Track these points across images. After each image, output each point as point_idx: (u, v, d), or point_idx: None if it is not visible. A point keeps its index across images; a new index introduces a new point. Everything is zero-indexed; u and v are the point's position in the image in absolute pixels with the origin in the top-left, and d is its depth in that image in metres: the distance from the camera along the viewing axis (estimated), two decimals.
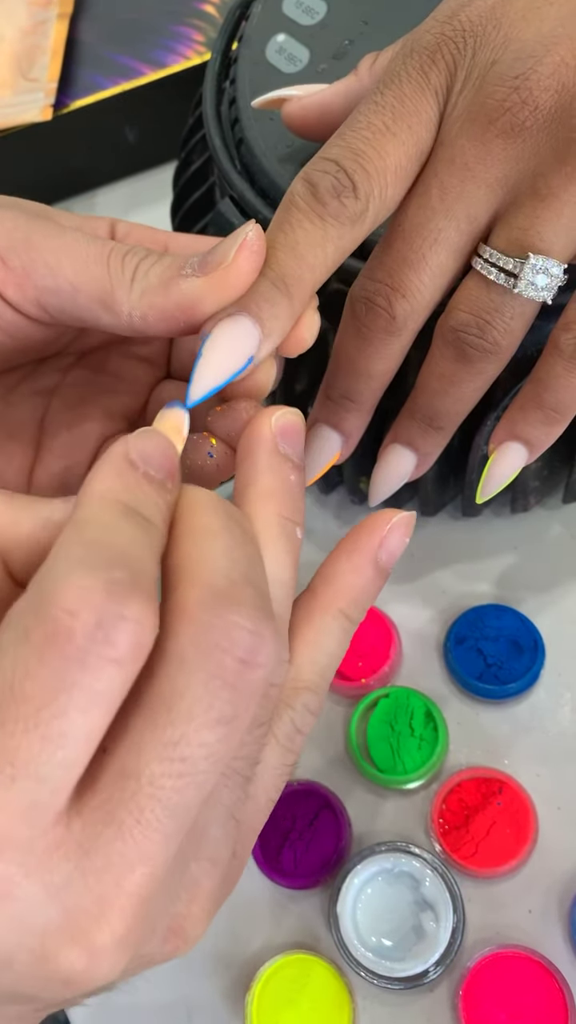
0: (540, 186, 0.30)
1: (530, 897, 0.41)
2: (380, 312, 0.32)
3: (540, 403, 0.34)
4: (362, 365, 0.34)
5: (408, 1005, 0.40)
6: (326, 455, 0.36)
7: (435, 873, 0.40)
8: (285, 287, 0.29)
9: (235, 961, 0.42)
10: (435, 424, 0.35)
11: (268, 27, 0.44)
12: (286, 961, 0.41)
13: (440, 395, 0.34)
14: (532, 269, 0.31)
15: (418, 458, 0.37)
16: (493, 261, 0.31)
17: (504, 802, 0.42)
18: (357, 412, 0.35)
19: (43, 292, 0.29)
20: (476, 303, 0.32)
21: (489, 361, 0.33)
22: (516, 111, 0.30)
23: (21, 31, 0.61)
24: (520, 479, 0.45)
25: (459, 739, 0.44)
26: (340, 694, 0.46)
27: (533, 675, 0.44)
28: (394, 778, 0.43)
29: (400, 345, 0.33)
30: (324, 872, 0.41)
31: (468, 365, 0.33)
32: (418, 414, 0.35)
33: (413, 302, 0.32)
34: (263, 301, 0.28)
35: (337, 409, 0.35)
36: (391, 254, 0.32)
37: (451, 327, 0.32)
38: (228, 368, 0.28)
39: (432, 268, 0.32)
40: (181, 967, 0.42)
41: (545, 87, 0.30)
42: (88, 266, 0.29)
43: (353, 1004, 0.40)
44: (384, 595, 0.48)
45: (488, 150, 0.31)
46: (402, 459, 0.37)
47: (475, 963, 0.39)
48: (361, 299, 0.32)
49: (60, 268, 0.29)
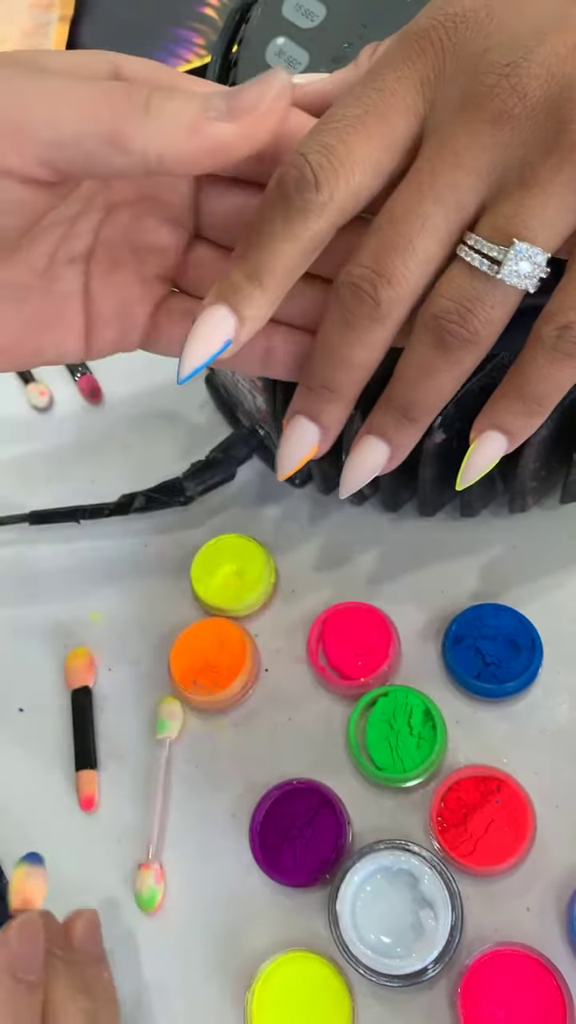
0: (527, 175, 0.30)
1: (528, 895, 0.41)
2: (365, 298, 0.32)
3: (521, 394, 0.34)
4: (344, 353, 0.33)
5: (407, 1002, 0.40)
6: (303, 448, 0.35)
7: (434, 871, 0.40)
8: (258, 280, 0.31)
9: (235, 959, 0.42)
10: (410, 415, 0.35)
11: (268, 30, 0.44)
12: (286, 959, 0.41)
13: (416, 385, 0.34)
14: (516, 256, 0.31)
15: (391, 450, 0.36)
16: (478, 248, 0.31)
17: (502, 800, 0.42)
18: (337, 404, 0.35)
19: (46, 148, 0.28)
20: (458, 290, 0.32)
21: (468, 351, 0.32)
22: (505, 98, 0.30)
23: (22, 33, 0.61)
24: (518, 480, 0.45)
25: (458, 738, 0.44)
26: (339, 693, 0.46)
27: (531, 674, 0.45)
28: (393, 776, 0.43)
29: (384, 334, 0.33)
30: (323, 870, 0.42)
31: (447, 354, 0.32)
32: (393, 405, 0.35)
33: (398, 289, 0.32)
34: (239, 294, 0.31)
35: (316, 400, 0.35)
36: (378, 239, 0.32)
37: (432, 314, 0.32)
38: (209, 350, 0.32)
39: (419, 255, 0.31)
40: (181, 966, 0.42)
41: (535, 75, 0.30)
42: (90, 108, 0.28)
43: (352, 1001, 0.40)
44: (383, 594, 0.48)
45: (477, 137, 0.31)
46: (375, 451, 0.36)
47: (473, 960, 0.39)
48: (346, 284, 0.32)
49: (59, 118, 0.28)
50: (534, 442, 0.43)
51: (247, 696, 0.47)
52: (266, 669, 0.48)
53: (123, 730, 0.47)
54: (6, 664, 0.49)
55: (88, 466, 0.54)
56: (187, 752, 0.46)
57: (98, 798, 0.46)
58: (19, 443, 0.55)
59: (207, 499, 0.51)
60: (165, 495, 0.50)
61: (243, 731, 0.46)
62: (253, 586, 0.48)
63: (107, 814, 0.46)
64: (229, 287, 0.31)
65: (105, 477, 0.53)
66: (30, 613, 0.50)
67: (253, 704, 0.47)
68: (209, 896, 0.43)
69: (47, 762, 0.47)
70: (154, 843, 0.44)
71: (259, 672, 0.47)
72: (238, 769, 0.45)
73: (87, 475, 0.54)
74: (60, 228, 0.34)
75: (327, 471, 0.48)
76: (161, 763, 0.46)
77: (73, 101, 0.28)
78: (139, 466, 0.53)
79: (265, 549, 0.49)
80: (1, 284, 0.33)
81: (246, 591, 0.48)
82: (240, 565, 0.49)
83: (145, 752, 0.46)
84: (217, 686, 0.46)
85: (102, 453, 0.54)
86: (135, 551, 0.51)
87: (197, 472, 0.50)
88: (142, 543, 0.52)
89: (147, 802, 0.45)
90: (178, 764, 0.46)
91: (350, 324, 0.32)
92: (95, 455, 0.54)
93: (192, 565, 0.49)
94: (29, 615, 0.50)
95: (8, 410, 0.56)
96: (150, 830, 0.44)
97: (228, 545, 0.49)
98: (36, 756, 0.47)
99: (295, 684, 0.47)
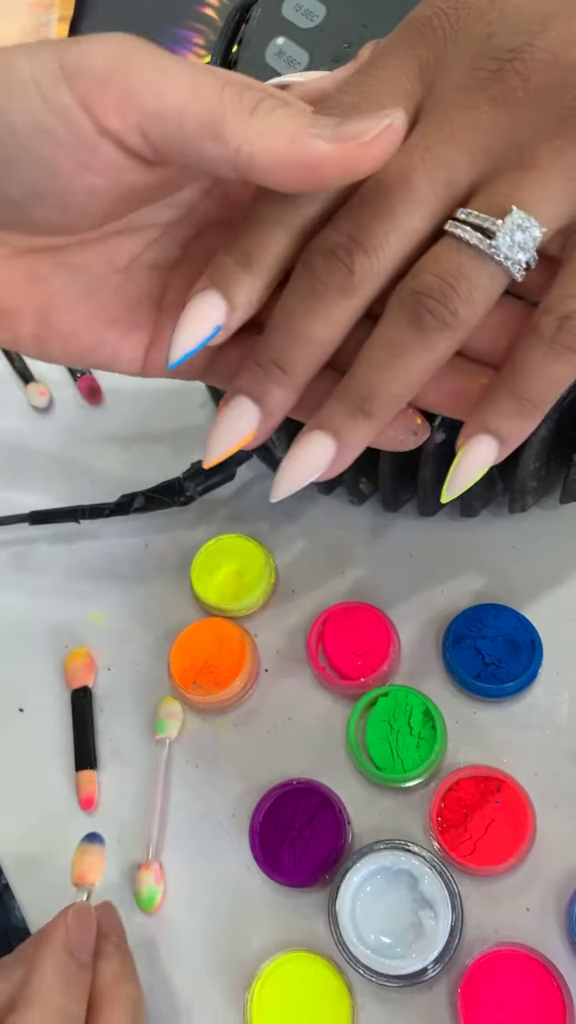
0: (526, 156, 0.30)
1: (528, 895, 0.41)
2: (339, 265, 0.30)
3: (515, 392, 0.31)
4: (305, 327, 0.31)
5: (407, 1002, 0.40)
6: (237, 433, 0.32)
7: (434, 871, 0.40)
8: (248, 265, 0.31)
9: (235, 959, 0.42)
10: (366, 408, 0.31)
11: (268, 30, 0.44)
12: (286, 959, 0.41)
13: (381, 369, 0.31)
14: (512, 225, 0.29)
15: (337, 449, 0.32)
16: (469, 220, 0.30)
17: (502, 800, 0.42)
18: (285, 387, 0.32)
19: (147, 117, 0.28)
20: (443, 265, 0.30)
21: (443, 335, 0.30)
22: (509, 80, 0.30)
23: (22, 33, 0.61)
24: (518, 480, 0.45)
25: (457, 738, 0.44)
26: (339, 693, 0.46)
27: (531, 674, 0.45)
28: (393, 776, 0.43)
29: (351, 310, 0.31)
30: (323, 870, 0.42)
31: (421, 335, 0.30)
32: (350, 394, 0.31)
33: (375, 261, 0.30)
34: (229, 279, 0.31)
35: (264, 379, 0.32)
36: (362, 207, 0.30)
37: (411, 289, 0.30)
38: (200, 335, 0.31)
39: (401, 227, 0.30)
40: (181, 966, 0.42)
41: (540, 60, 0.30)
42: (199, 92, 0.28)
43: (352, 1002, 0.40)
44: (383, 595, 0.48)
45: (477, 117, 0.30)
46: (318, 448, 0.32)
47: (473, 961, 0.39)
48: (320, 251, 0.30)
49: (167, 91, 0.28)
50: (534, 442, 0.43)
51: (247, 696, 0.47)
52: (266, 669, 0.47)
53: (123, 730, 0.47)
54: (6, 664, 0.49)
55: (88, 466, 0.54)
56: (187, 752, 0.46)
57: (98, 798, 0.46)
58: (19, 443, 0.55)
59: (207, 499, 0.51)
60: (165, 495, 0.50)
61: (243, 731, 0.46)
62: (253, 586, 0.48)
63: (107, 814, 0.46)
64: (220, 272, 0.31)
65: (105, 477, 0.53)
66: (30, 613, 0.50)
67: (253, 704, 0.47)
68: (209, 896, 0.43)
69: (47, 762, 0.47)
70: (154, 843, 0.44)
71: (259, 672, 0.47)
72: (238, 769, 0.45)
73: (87, 475, 0.54)
74: (151, 232, 0.34)
75: None
76: (161, 763, 0.46)
77: (186, 81, 0.28)
78: (139, 466, 0.53)
79: (265, 549, 0.49)
80: (78, 267, 0.33)
81: (246, 591, 0.48)
82: (240, 565, 0.49)
83: (145, 752, 0.46)
84: (217, 686, 0.46)
85: (102, 453, 0.54)
86: (135, 551, 0.51)
87: (197, 472, 0.50)
88: (142, 543, 0.52)
89: (147, 802, 0.45)
90: (178, 764, 0.46)
91: (318, 294, 0.30)
92: (95, 455, 0.54)
93: (192, 565, 0.49)
94: (29, 615, 0.50)
95: (8, 410, 0.56)
96: (150, 830, 0.44)
97: (228, 545, 0.49)
98: (36, 756, 0.47)
99: (295, 684, 0.47)
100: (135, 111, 0.28)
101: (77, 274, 0.33)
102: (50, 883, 0.44)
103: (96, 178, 0.29)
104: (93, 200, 0.29)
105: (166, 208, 0.33)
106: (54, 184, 0.29)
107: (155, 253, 0.34)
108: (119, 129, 0.28)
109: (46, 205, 0.29)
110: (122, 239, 0.33)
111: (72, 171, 0.28)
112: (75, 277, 0.33)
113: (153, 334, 0.34)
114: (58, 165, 0.28)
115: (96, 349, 0.34)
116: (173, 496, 0.50)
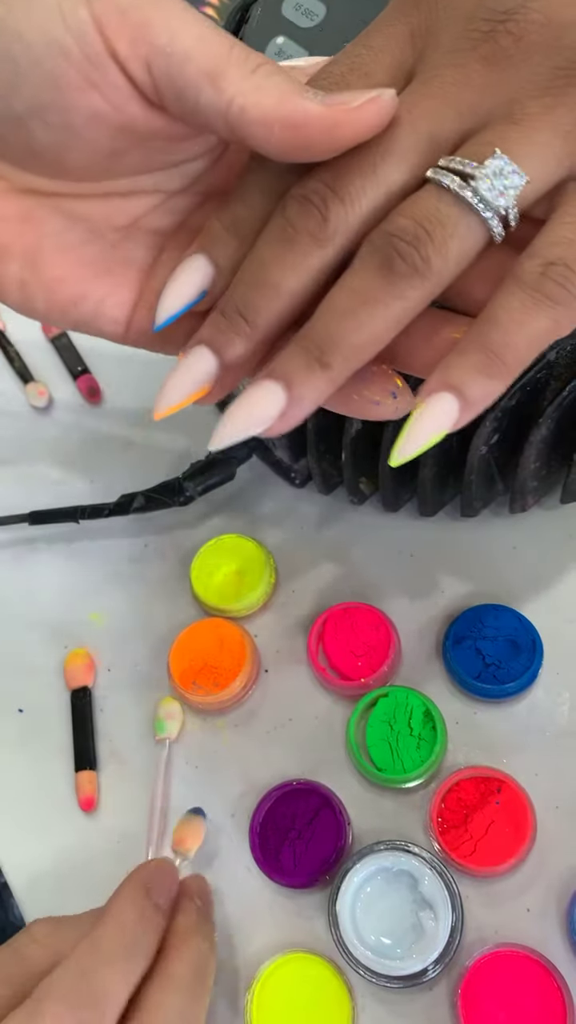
0: (515, 111, 0.29)
1: (528, 896, 0.41)
2: (313, 212, 0.29)
3: (484, 343, 0.28)
4: (273, 275, 0.30)
5: (407, 1003, 0.40)
6: (193, 383, 0.31)
7: (434, 872, 0.40)
8: (236, 230, 0.31)
9: (235, 960, 0.42)
10: (324, 358, 0.29)
11: (267, 29, 0.44)
12: (286, 960, 0.41)
13: (343, 316, 0.29)
14: (494, 168, 0.29)
15: (288, 400, 0.30)
16: (450, 166, 0.29)
17: (503, 801, 0.42)
18: (246, 339, 0.31)
19: (155, 51, 0.29)
20: (419, 209, 0.29)
21: (412, 282, 0.29)
22: (500, 40, 0.30)
23: None
24: (519, 479, 0.45)
25: (458, 738, 0.44)
26: (339, 694, 0.46)
27: (531, 675, 0.45)
28: (393, 777, 0.43)
29: (321, 260, 0.30)
30: (323, 871, 0.42)
31: (390, 280, 0.29)
32: (308, 342, 0.30)
33: (350, 211, 0.29)
34: (217, 242, 0.31)
35: (227, 328, 0.31)
36: (343, 157, 0.30)
37: (384, 231, 0.29)
38: (185, 296, 0.32)
39: (379, 178, 0.30)
40: None
41: (533, 20, 0.30)
42: (209, 42, 0.29)
43: (352, 1003, 0.40)
44: (383, 595, 0.48)
45: (467, 74, 0.30)
46: (268, 398, 0.30)
47: (474, 962, 0.39)
48: (296, 196, 0.30)
49: (180, 33, 0.29)
50: (535, 441, 0.43)
51: (247, 696, 0.47)
52: (266, 670, 0.47)
53: (123, 730, 0.47)
54: (6, 664, 0.49)
55: (88, 466, 0.54)
56: (187, 752, 0.46)
57: (98, 799, 0.46)
58: (19, 443, 0.55)
59: (207, 499, 0.51)
60: (165, 495, 0.50)
61: (243, 731, 0.46)
62: (253, 586, 0.48)
63: (107, 815, 0.46)
64: (208, 237, 0.32)
65: (105, 477, 0.53)
66: (30, 613, 0.50)
67: (253, 704, 0.47)
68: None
69: (47, 762, 0.47)
70: (154, 844, 0.44)
71: (259, 672, 0.47)
72: (238, 769, 0.45)
73: (87, 475, 0.54)
74: (155, 198, 0.34)
75: (327, 471, 0.48)
76: (161, 764, 0.46)
77: (200, 31, 0.29)
78: (139, 466, 0.53)
79: (265, 549, 0.49)
80: (76, 216, 0.33)
81: (246, 591, 0.48)
82: (240, 565, 0.49)
83: (145, 752, 0.46)
84: (217, 686, 0.45)
85: (102, 453, 0.54)
86: (135, 551, 0.51)
87: (197, 472, 0.50)
88: (142, 543, 0.51)
89: (147, 803, 0.45)
90: (178, 764, 0.46)
91: (289, 240, 0.30)
92: (95, 455, 0.54)
93: (192, 565, 0.49)
94: (29, 615, 0.50)
95: (8, 410, 0.56)
96: (150, 831, 0.44)
97: (228, 545, 0.49)
98: (36, 756, 0.47)
99: (295, 685, 0.47)
100: (145, 43, 0.29)
101: (73, 223, 0.33)
102: (50, 883, 0.44)
103: (99, 100, 0.29)
104: (93, 127, 0.30)
105: (174, 176, 0.34)
106: (59, 98, 0.29)
107: (155, 218, 0.34)
108: (127, 56, 0.29)
109: (49, 125, 0.30)
110: (125, 200, 0.34)
111: (77, 87, 0.29)
112: (70, 226, 0.33)
113: (139, 297, 0.34)
114: (64, 79, 0.29)
115: (80, 302, 0.33)
116: (173, 496, 0.50)
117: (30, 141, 0.30)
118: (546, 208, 0.30)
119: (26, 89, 0.29)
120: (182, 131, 0.31)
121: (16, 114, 0.30)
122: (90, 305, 0.33)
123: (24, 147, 0.31)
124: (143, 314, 0.34)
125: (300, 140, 0.29)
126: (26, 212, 0.33)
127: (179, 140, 0.32)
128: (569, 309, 0.29)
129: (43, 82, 0.29)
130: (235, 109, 0.29)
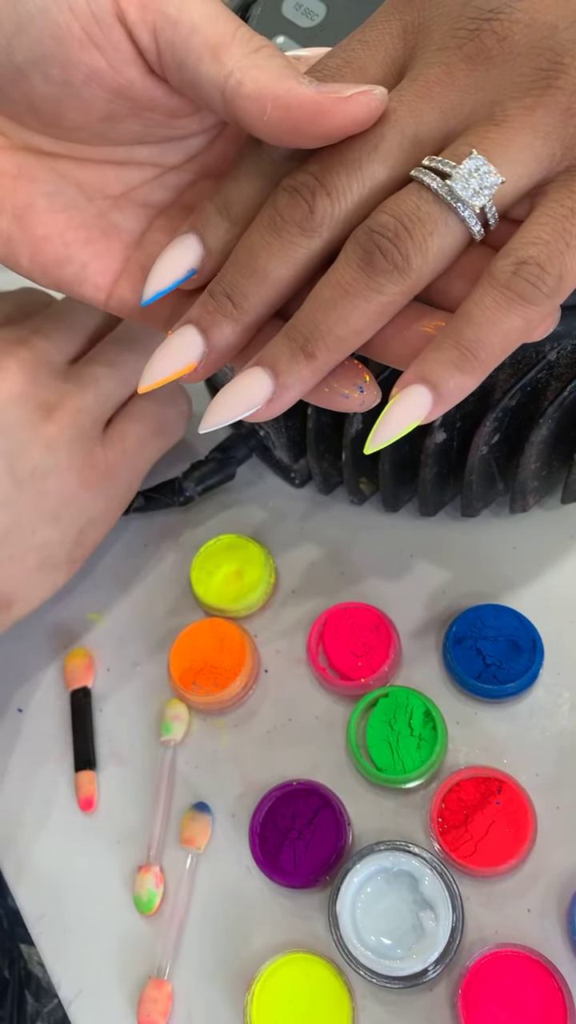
0: (496, 112, 0.30)
1: (529, 896, 0.41)
2: (300, 203, 0.31)
3: (458, 340, 0.29)
4: (262, 261, 0.31)
5: (407, 1004, 0.40)
6: (178, 361, 0.32)
7: (434, 872, 0.40)
8: (227, 212, 0.32)
9: (235, 960, 0.42)
10: (308, 348, 0.31)
11: (267, 29, 0.44)
12: (286, 960, 0.41)
13: (326, 308, 0.30)
14: (470, 167, 0.29)
15: (275, 388, 0.31)
16: (431, 166, 0.30)
17: (503, 801, 0.42)
18: (233, 322, 0.32)
19: (164, 19, 0.30)
20: (401, 207, 0.30)
21: (391, 278, 0.30)
22: (485, 40, 0.30)
23: None
24: (519, 479, 0.45)
25: (458, 739, 0.44)
26: (340, 694, 0.46)
27: (532, 675, 0.45)
28: (393, 777, 0.43)
29: (307, 251, 0.31)
30: (323, 871, 0.42)
31: (370, 274, 0.30)
32: (295, 333, 0.31)
33: (336, 204, 0.31)
34: (208, 223, 0.32)
35: (215, 310, 0.32)
36: (332, 152, 0.31)
37: (366, 227, 0.30)
38: (174, 274, 0.33)
39: (364, 175, 0.31)
40: (181, 967, 0.42)
41: (518, 20, 0.30)
42: (217, 19, 0.30)
43: (352, 1003, 0.40)
44: (383, 595, 0.48)
45: (451, 74, 0.31)
46: (256, 384, 0.31)
47: (474, 962, 0.39)
48: (286, 188, 0.31)
49: (191, 6, 0.30)
50: (535, 441, 0.43)
51: (247, 697, 0.47)
52: (266, 670, 0.47)
53: (122, 731, 0.47)
54: (6, 664, 0.49)
55: None
56: (186, 753, 0.46)
57: (97, 799, 0.46)
58: None
59: (207, 499, 0.51)
60: (165, 495, 0.50)
61: (243, 731, 0.46)
62: (253, 586, 0.48)
63: (106, 815, 0.45)
64: (200, 217, 0.33)
65: None
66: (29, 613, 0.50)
67: (253, 705, 0.47)
68: (209, 897, 0.43)
69: (46, 762, 0.47)
70: (155, 846, 0.44)
71: (259, 673, 0.47)
72: (238, 769, 0.45)
73: None
74: (151, 171, 0.35)
75: (327, 471, 0.48)
76: (165, 766, 0.45)
77: (210, 8, 0.30)
78: None
79: (265, 549, 0.49)
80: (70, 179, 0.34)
81: (246, 591, 0.48)
82: (240, 565, 0.49)
83: (145, 753, 0.46)
84: (217, 687, 0.45)
85: None
86: (135, 551, 0.51)
87: (197, 472, 0.50)
88: (142, 543, 0.51)
89: (148, 804, 0.45)
90: (178, 764, 0.46)
91: (278, 229, 0.31)
92: None
93: (192, 565, 0.49)
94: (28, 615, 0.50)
95: None
96: (151, 832, 0.44)
97: (228, 545, 0.49)
98: (35, 756, 0.47)
99: (295, 685, 0.47)
100: (156, 10, 0.30)
101: (67, 186, 0.34)
102: (49, 883, 0.44)
103: (98, 58, 0.30)
104: (92, 85, 0.31)
105: (170, 151, 0.34)
106: (59, 51, 0.30)
107: (148, 191, 0.35)
108: (135, 21, 0.30)
109: (48, 78, 0.31)
110: (120, 169, 0.34)
111: (80, 42, 0.30)
112: (63, 188, 0.34)
113: (124, 267, 0.35)
114: (68, 33, 0.30)
115: (64, 264, 0.34)
116: (173, 496, 0.50)
117: (30, 95, 0.31)
118: (527, 208, 0.31)
119: (29, 36, 0.30)
120: (180, 105, 0.32)
121: (16, 64, 0.30)
122: (74, 268, 0.34)
123: (24, 101, 0.32)
124: (125, 284, 0.35)
125: (290, 122, 0.30)
126: (22, 169, 0.33)
127: (177, 115, 0.33)
128: (541, 308, 0.29)
129: (46, 32, 0.30)
130: (232, 83, 0.30)
